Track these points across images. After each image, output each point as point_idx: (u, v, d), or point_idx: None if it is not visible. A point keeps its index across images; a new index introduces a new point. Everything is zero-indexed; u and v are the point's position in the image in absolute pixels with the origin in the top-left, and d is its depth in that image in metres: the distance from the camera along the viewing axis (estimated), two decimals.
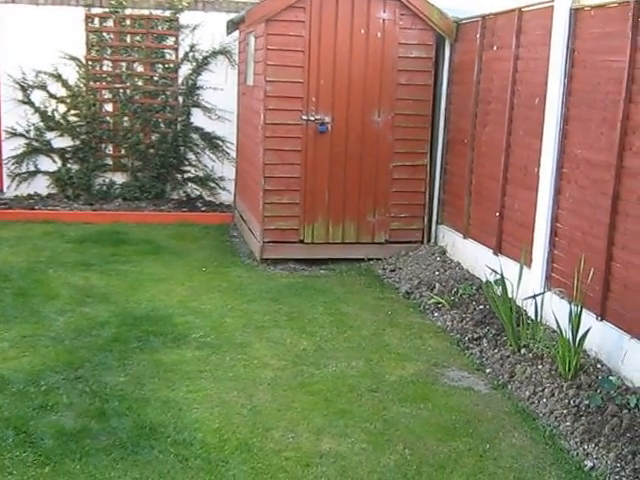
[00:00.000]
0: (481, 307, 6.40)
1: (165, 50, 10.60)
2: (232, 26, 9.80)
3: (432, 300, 6.73)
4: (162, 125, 10.66)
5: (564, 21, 5.86)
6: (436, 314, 6.54)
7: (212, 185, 10.88)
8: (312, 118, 7.81)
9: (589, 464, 4.15)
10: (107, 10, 10.33)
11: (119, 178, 10.70)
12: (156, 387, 4.80)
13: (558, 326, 5.16)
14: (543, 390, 4.94)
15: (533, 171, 6.30)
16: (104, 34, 10.41)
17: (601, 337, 5.25)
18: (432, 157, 8.24)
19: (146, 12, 10.41)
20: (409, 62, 7.93)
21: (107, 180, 10.66)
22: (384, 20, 7.78)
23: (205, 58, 10.60)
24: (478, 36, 7.36)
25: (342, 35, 7.73)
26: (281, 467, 3.97)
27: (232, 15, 9.97)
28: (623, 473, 4.03)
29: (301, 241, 8.04)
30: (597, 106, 5.50)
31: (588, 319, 5.21)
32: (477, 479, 3.98)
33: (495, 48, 7.14)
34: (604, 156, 5.36)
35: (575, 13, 5.81)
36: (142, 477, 3.78)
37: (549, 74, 6.05)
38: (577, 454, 4.24)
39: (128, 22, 10.45)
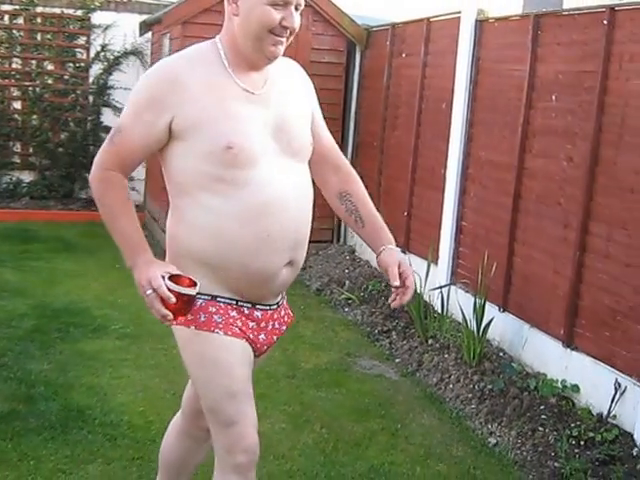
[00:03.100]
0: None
1: (76, 49, 10.51)
2: (145, 27, 9.84)
3: (343, 296, 6.98)
4: (72, 124, 10.55)
5: (470, 31, 6.21)
6: (347, 309, 6.79)
7: None
8: None
9: (493, 441, 4.47)
10: (18, 7, 10.20)
11: (27, 177, 10.50)
12: (80, 374, 4.88)
13: (464, 318, 5.48)
14: (449, 377, 5.25)
15: (440, 172, 6.63)
16: (14, 31, 10.29)
17: (503, 327, 5.60)
18: None
19: (58, 11, 10.29)
20: (321, 67, 8.13)
21: (14, 178, 10.46)
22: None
23: (117, 58, 10.53)
24: (388, 43, 7.66)
25: None
26: None
27: (145, 16, 10.00)
28: (524, 448, 4.37)
29: None
30: (500, 111, 5.87)
31: (491, 311, 5.55)
32: (390, 454, 4.23)
33: (404, 55, 7.46)
34: (506, 158, 5.72)
35: (480, 24, 6.17)
36: (74, 454, 3.88)
37: (455, 80, 6.38)
38: (482, 433, 4.56)
39: (39, 20, 10.36)
